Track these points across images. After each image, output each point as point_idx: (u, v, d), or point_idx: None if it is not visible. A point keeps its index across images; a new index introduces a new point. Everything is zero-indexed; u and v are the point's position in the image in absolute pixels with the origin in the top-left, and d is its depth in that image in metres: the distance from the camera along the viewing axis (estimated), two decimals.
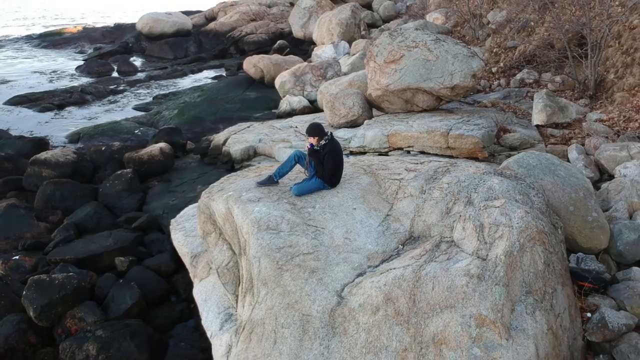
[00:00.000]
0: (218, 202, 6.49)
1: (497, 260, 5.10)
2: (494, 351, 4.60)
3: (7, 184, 13.41)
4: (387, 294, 4.88)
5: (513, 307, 4.99)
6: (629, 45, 12.56)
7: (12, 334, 8.37)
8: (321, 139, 6.32)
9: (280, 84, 17.75)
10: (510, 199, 5.92)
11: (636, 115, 10.94)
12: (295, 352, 4.91)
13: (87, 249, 10.35)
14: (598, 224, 7.77)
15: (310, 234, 5.69)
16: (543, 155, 8.52)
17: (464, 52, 12.44)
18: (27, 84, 22.86)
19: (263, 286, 5.29)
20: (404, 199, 6.23)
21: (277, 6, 33.53)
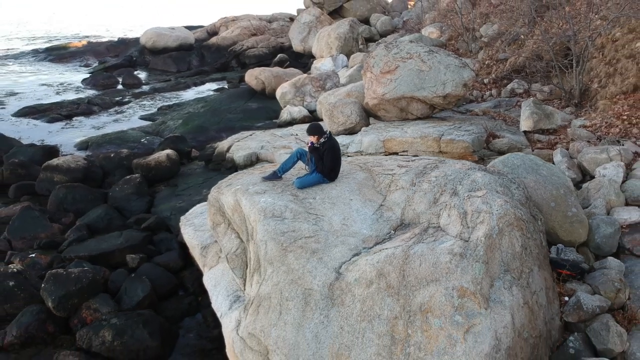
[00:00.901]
0: (227, 195, 7.13)
1: (478, 242, 5.73)
2: (474, 319, 5.21)
3: (20, 189, 14.04)
4: (379, 269, 5.50)
5: (492, 283, 5.61)
6: (612, 57, 13.29)
7: (32, 323, 8.94)
8: (321, 137, 6.99)
9: (281, 95, 18.47)
10: (492, 190, 6.57)
11: (617, 121, 11.62)
12: (298, 321, 5.53)
13: (100, 247, 10.95)
14: (577, 219, 8.41)
15: (311, 220, 6.33)
16: (527, 157, 9.18)
17: (455, 62, 13.15)
18: (35, 96, 23.57)
19: (269, 265, 5.92)
20: (396, 191, 6.88)
21: (277, 21, 34.42)
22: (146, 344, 8.54)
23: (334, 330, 5.40)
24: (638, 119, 11.42)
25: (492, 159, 11.37)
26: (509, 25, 18.19)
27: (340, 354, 5.30)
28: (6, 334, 8.87)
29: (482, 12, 20.80)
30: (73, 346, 8.77)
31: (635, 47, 12.76)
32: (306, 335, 5.46)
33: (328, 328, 5.43)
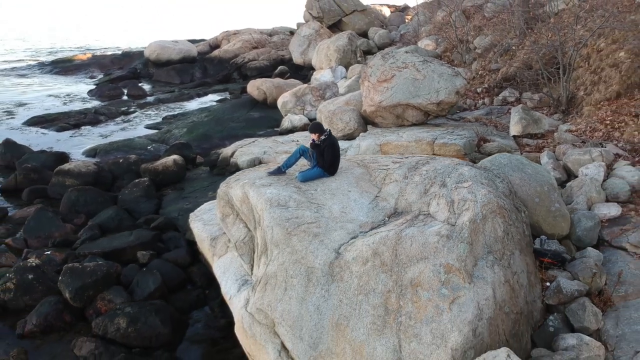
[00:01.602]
0: (236, 189, 7.78)
1: (463, 226, 6.38)
2: (459, 292, 5.84)
3: (33, 192, 14.67)
4: (374, 249, 6.14)
5: (475, 262, 6.24)
6: (597, 66, 14.02)
7: (50, 313, 9.54)
8: (321, 135, 7.67)
9: (282, 104, 19.19)
10: (477, 182, 7.22)
11: (600, 125, 12.31)
12: (302, 296, 6.15)
13: (112, 245, 11.57)
14: (560, 213, 9.07)
15: (313, 209, 6.98)
16: (513, 156, 9.86)
17: (448, 72, 13.88)
18: (42, 106, 24.27)
19: (275, 248, 6.55)
20: (390, 184, 7.54)
21: (278, 35, 35.29)
22: (158, 331, 9.13)
23: (334, 303, 6.03)
24: (620, 124, 12.11)
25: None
26: (501, 37, 18.97)
27: (340, 324, 5.92)
28: (26, 322, 9.46)
29: (476, 25, 21.61)
30: (89, 333, 9.35)
31: (619, 57, 13.48)
32: (309, 308, 6.09)
33: (328, 301, 6.06)
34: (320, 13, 31.76)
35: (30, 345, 9.21)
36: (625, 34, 13.83)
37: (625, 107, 12.42)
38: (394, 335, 5.70)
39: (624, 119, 12.17)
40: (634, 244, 8.67)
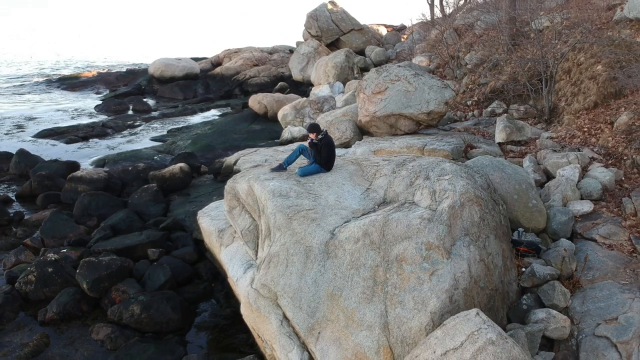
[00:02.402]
0: (242, 183, 8.67)
1: (443, 211, 7.26)
2: (438, 265, 6.69)
3: (47, 198, 15.52)
4: (364, 230, 7.01)
5: (454, 242, 7.11)
6: (577, 78, 15.01)
7: (69, 302, 10.35)
8: (319, 134, 8.57)
9: (283, 116, 20.15)
10: (457, 175, 8.11)
11: (579, 132, 13.25)
12: (301, 271, 7.00)
13: (124, 243, 12.39)
14: (537, 209, 9.96)
15: (311, 198, 7.86)
16: (494, 158, 10.79)
17: (438, 84, 14.85)
18: (51, 120, 25.23)
19: (278, 231, 7.42)
20: (380, 178, 8.43)
21: (278, 53, 36.46)
22: (169, 317, 9.94)
23: (329, 277, 6.88)
24: (596, 131, 13.05)
25: None
26: (490, 53, 20.00)
27: (334, 294, 6.76)
28: (47, 311, 10.27)
29: (467, 42, 22.67)
30: (105, 320, 10.16)
31: (596, 70, 14.47)
32: (307, 281, 6.93)
33: (324, 275, 6.91)
34: (319, 32, 32.92)
35: (51, 331, 10.01)
36: (602, 48, 14.82)
37: (601, 116, 13.36)
38: (381, 303, 6.55)
39: (600, 126, 13.10)
40: (603, 236, 9.54)
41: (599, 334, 7.35)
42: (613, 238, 9.48)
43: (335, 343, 6.63)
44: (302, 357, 6.80)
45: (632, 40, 14.43)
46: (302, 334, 6.85)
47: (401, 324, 6.37)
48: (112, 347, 9.54)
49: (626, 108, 12.89)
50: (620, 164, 11.72)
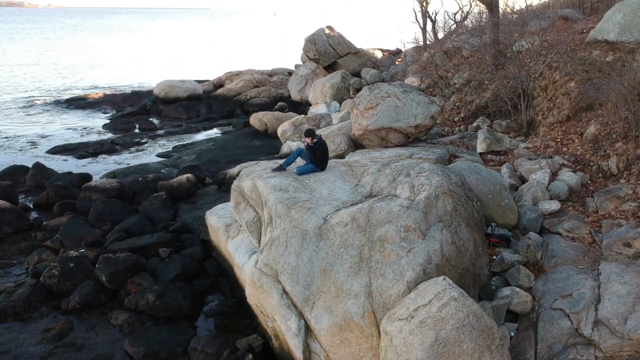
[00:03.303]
0: (246, 181, 9.92)
1: (419, 200, 8.49)
2: (414, 244, 7.90)
3: (63, 206, 16.70)
4: (352, 216, 8.23)
5: (429, 227, 8.32)
6: (552, 95, 16.36)
7: (89, 293, 11.51)
8: (314, 138, 9.84)
9: (282, 132, 21.48)
10: (433, 173, 9.36)
11: (552, 143, 14.54)
12: (298, 251, 8.20)
13: (137, 243, 13.56)
14: (509, 207, 11.21)
15: (307, 192, 9.10)
16: (472, 164, 12.09)
17: (424, 100, 16.18)
18: (62, 137, 26.49)
19: (278, 218, 8.63)
20: (367, 175, 9.68)
21: (277, 75, 37.99)
22: (180, 304, 11.10)
23: (322, 255, 8.08)
24: (568, 141, 14.34)
25: None
26: (476, 74, 21.41)
27: (326, 269, 7.95)
28: (70, 301, 11.42)
29: (455, 64, 24.13)
30: (122, 308, 11.32)
31: (569, 87, 15.82)
32: (303, 259, 8.13)
33: (318, 254, 8.11)
34: (316, 55, 34.44)
35: (73, 318, 11.16)
36: (575, 67, 16.21)
37: (572, 128, 14.68)
38: (366, 275, 7.74)
39: (571, 137, 14.41)
40: (567, 230, 10.76)
41: (555, 307, 8.53)
42: (576, 231, 10.70)
43: (327, 311, 7.80)
44: (299, 324, 7.97)
45: (601, 59, 15.81)
46: (299, 304, 8.03)
47: (382, 292, 7.55)
48: (130, 330, 10.68)
49: (594, 120, 14.20)
50: (587, 170, 12.99)
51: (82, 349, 10.32)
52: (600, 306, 8.17)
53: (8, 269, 13.26)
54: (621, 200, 11.33)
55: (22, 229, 15.30)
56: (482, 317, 6.63)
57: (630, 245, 9.68)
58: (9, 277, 12.87)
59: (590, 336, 7.79)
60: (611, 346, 7.55)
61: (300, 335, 7.97)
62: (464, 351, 6.38)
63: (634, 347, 7.47)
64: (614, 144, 12.98)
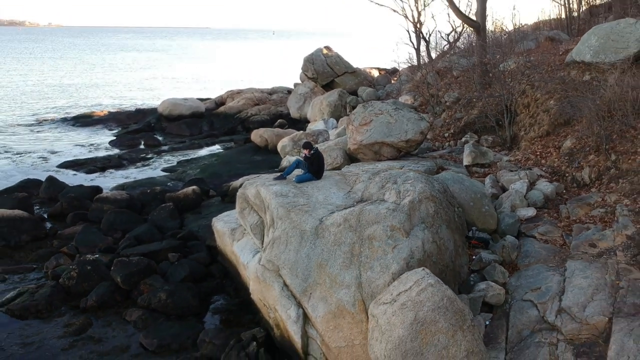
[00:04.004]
0: (251, 189, 11.05)
1: (404, 204, 9.61)
2: (399, 242, 9.00)
3: (76, 216, 17.77)
4: (345, 217, 9.35)
5: (412, 227, 9.43)
6: (534, 112, 17.57)
7: (105, 293, 12.56)
8: (311, 150, 10.99)
9: (282, 147, 22.66)
10: (418, 181, 10.50)
11: (532, 156, 15.71)
12: (297, 248, 9.29)
13: (148, 249, 14.62)
14: (489, 213, 12.32)
15: (305, 197, 10.22)
16: (456, 174, 13.23)
17: (415, 116, 17.37)
18: (71, 153, 27.65)
19: (279, 220, 9.74)
20: (359, 183, 10.82)
21: (277, 93, 39.33)
22: (189, 302, 12.15)
23: (318, 252, 9.18)
24: (547, 154, 15.51)
25: None
26: (465, 92, 22.66)
27: (322, 264, 9.05)
28: (87, 300, 12.46)
29: (446, 83, 25.41)
30: (136, 306, 12.37)
31: (549, 104, 17.03)
32: (302, 255, 9.23)
33: (315, 250, 9.21)
34: (315, 74, 35.78)
35: (91, 315, 12.19)
36: (555, 86, 17.45)
37: (551, 142, 15.86)
38: (357, 269, 8.83)
39: (549, 150, 15.58)
40: (541, 233, 11.86)
41: (525, 299, 9.61)
42: (549, 235, 11.81)
43: (323, 300, 8.88)
44: (298, 313, 9.05)
45: (578, 79, 17.05)
46: (298, 295, 9.11)
47: (371, 283, 8.64)
48: (143, 326, 11.72)
49: (570, 135, 15.38)
50: (562, 180, 14.14)
51: (101, 342, 11.35)
52: (564, 297, 9.25)
53: (28, 273, 14.30)
54: (591, 207, 12.45)
55: (39, 237, 16.34)
56: (455, 300, 7.72)
57: (595, 245, 10.78)
58: (30, 280, 13.91)
59: (554, 322, 8.85)
60: (571, 330, 8.60)
61: (299, 322, 9.04)
62: (439, 330, 7.46)
63: (591, 331, 8.53)
64: (587, 157, 14.14)
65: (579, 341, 8.51)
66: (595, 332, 8.54)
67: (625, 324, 8.36)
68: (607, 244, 10.77)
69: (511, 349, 8.76)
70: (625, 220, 11.24)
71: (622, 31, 16.73)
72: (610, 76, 16.19)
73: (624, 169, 13.06)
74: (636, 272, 9.64)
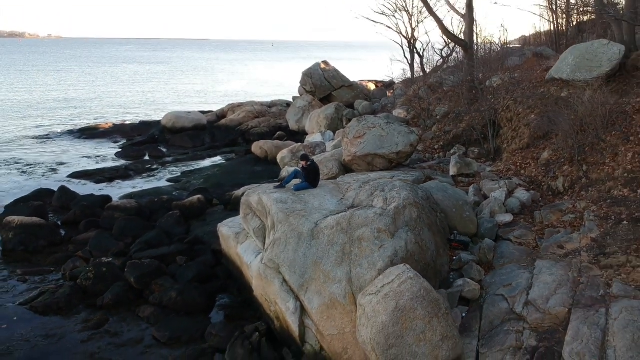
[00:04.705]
0: (253, 196, 12.30)
1: (390, 209, 10.86)
2: (385, 242, 10.24)
3: (88, 223, 18.96)
4: (337, 221, 10.59)
5: (397, 229, 10.67)
6: (516, 125, 18.88)
7: (120, 293, 13.75)
8: (308, 162, 12.26)
9: (281, 159, 23.93)
10: (403, 189, 11.75)
11: (513, 167, 16.99)
12: (295, 248, 10.52)
13: (157, 252, 15.84)
14: (469, 219, 13.56)
15: (302, 204, 11.47)
16: (440, 183, 14.50)
17: (405, 130, 18.65)
18: (79, 164, 28.90)
19: (279, 224, 10.98)
20: (351, 191, 12.07)
21: (276, 106, 40.71)
22: (197, 300, 13.35)
23: (314, 251, 10.41)
24: (526, 165, 16.80)
25: None
26: (455, 107, 23.99)
27: (317, 262, 10.28)
28: (104, 298, 13.65)
29: (437, 97, 26.76)
30: (148, 303, 13.56)
31: (530, 118, 18.34)
32: (299, 254, 10.46)
33: (311, 250, 10.44)
34: (313, 88, 37.20)
35: (107, 312, 13.37)
36: (536, 101, 18.77)
37: (530, 154, 17.14)
38: (347, 266, 10.07)
39: (528, 162, 16.86)
40: (517, 237, 13.09)
41: (497, 294, 10.83)
42: (523, 238, 13.04)
43: (318, 294, 10.10)
44: (295, 305, 10.27)
45: (557, 95, 18.37)
46: (295, 289, 10.33)
47: (359, 278, 9.87)
48: (155, 321, 12.90)
49: (548, 147, 16.67)
50: (539, 189, 15.40)
51: (117, 335, 12.53)
52: (531, 291, 10.47)
53: (47, 275, 15.48)
54: (563, 213, 13.70)
55: (55, 243, 17.55)
56: (432, 291, 8.95)
57: (563, 247, 12.03)
58: (49, 281, 15.09)
59: (521, 313, 10.07)
60: (535, 319, 9.81)
61: (296, 313, 10.26)
62: (417, 316, 8.68)
63: (552, 320, 9.74)
64: (562, 167, 15.42)
65: (542, 329, 9.71)
66: (556, 321, 9.75)
67: (582, 314, 9.59)
68: (573, 246, 12.01)
69: (483, 336, 9.96)
70: (591, 225, 12.48)
71: (596, 51, 18.08)
72: (585, 93, 17.50)
73: (594, 179, 14.34)
74: (596, 270, 10.88)
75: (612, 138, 14.88)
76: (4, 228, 17.37)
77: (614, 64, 17.62)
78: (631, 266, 10.80)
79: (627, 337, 8.81)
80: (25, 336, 12.34)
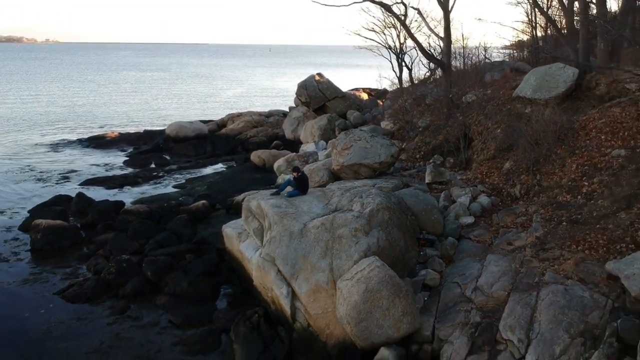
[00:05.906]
0: (253, 202, 14.70)
1: (365, 212, 13.25)
2: (360, 239, 12.62)
3: (105, 226, 21.27)
4: (322, 221, 12.98)
5: (371, 229, 13.05)
6: (485, 138, 21.30)
7: (138, 285, 16.07)
8: (298, 173, 14.66)
9: (277, 167, 26.33)
10: (377, 195, 14.14)
11: (480, 175, 19.40)
12: (287, 244, 12.90)
13: (169, 251, 18.20)
14: (437, 221, 15.93)
15: (293, 208, 13.87)
16: (412, 190, 16.89)
17: (387, 142, 21.06)
18: (89, 172, 31.19)
19: (274, 224, 13.37)
20: (335, 197, 14.48)
21: (274, 116, 43.15)
22: (205, 291, 15.71)
23: (303, 246, 12.79)
24: (490, 174, 19.20)
25: None
26: (435, 119, 26.42)
27: (305, 255, 12.66)
28: (125, 289, 15.99)
29: (420, 110, 29.20)
30: (163, 293, 15.90)
31: (497, 132, 20.76)
32: (291, 249, 12.85)
33: (300, 246, 12.82)
34: (308, 99, 39.57)
35: (128, 301, 15.70)
36: (503, 117, 21.19)
37: (495, 164, 19.56)
38: (330, 258, 12.45)
39: (493, 171, 19.28)
40: (476, 236, 15.47)
41: (453, 281, 13.21)
42: (481, 237, 15.42)
43: (306, 281, 12.48)
44: (288, 291, 12.65)
45: (521, 112, 20.80)
46: (288, 278, 12.71)
47: (339, 268, 12.26)
48: (170, 308, 15.23)
49: (510, 159, 19.08)
50: (499, 195, 17.80)
51: (138, 319, 14.86)
52: (479, 279, 12.86)
53: (73, 270, 17.81)
54: (516, 215, 16.09)
55: (76, 243, 19.89)
56: (395, 277, 11.34)
57: (512, 244, 14.41)
58: (76, 275, 17.41)
59: (470, 296, 12.45)
60: (481, 301, 12.19)
61: (288, 297, 12.63)
62: (383, 296, 11.06)
63: (494, 302, 12.12)
64: (520, 176, 17.82)
65: (485, 309, 12.09)
66: (497, 302, 12.12)
67: (518, 296, 11.97)
68: (520, 243, 14.39)
69: (439, 315, 12.34)
70: (537, 225, 14.87)
71: (553, 73, 20.55)
72: (545, 110, 19.93)
73: (545, 186, 16.74)
74: (535, 262, 13.25)
75: (561, 151, 17.30)
76: (32, 230, 19.71)
77: (568, 85, 20.06)
78: (563, 259, 13.17)
79: (550, 313, 11.17)
80: (60, 319, 14.66)
